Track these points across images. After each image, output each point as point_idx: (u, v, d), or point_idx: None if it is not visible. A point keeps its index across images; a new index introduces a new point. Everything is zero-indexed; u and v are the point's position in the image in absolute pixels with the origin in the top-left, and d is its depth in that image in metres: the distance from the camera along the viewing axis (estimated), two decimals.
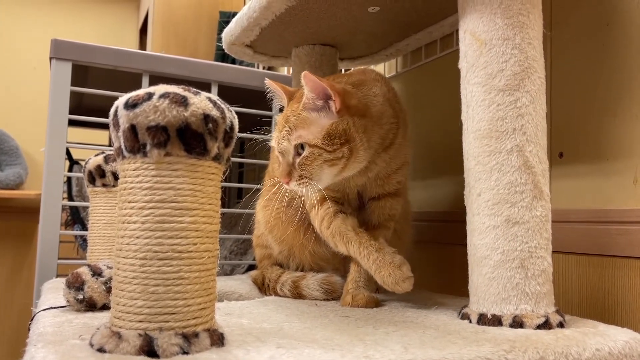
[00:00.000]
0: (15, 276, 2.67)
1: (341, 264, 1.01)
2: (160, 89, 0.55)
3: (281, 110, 0.94)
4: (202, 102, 0.55)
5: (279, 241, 1.05)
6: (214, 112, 0.55)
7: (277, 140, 0.84)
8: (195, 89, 0.56)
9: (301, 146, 0.81)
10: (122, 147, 0.55)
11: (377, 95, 0.89)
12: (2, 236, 2.64)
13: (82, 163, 1.78)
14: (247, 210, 1.29)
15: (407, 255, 1.12)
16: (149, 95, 0.53)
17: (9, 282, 2.65)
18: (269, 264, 1.11)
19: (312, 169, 0.81)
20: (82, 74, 1.40)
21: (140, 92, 0.55)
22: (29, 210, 2.63)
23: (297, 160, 0.81)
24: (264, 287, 1.05)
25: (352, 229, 0.90)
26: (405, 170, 0.97)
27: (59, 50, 1.28)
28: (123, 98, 0.55)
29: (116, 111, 0.55)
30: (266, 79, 0.93)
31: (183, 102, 0.53)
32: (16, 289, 2.66)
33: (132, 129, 0.53)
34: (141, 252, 0.53)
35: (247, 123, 1.10)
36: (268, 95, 0.96)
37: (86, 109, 1.74)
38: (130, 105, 0.53)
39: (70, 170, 1.66)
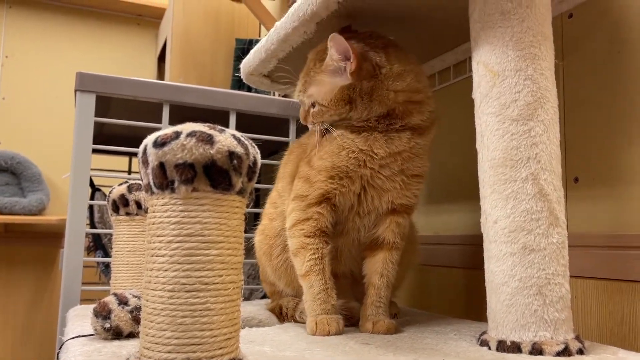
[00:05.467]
0: (37, 301, 2.71)
1: (352, 290, 1.01)
2: (187, 127, 0.57)
3: None
4: (227, 139, 0.57)
5: (288, 286, 1.07)
6: (239, 149, 0.57)
7: (297, 91, 0.98)
8: (220, 127, 0.59)
9: (313, 104, 0.94)
10: (151, 183, 0.58)
11: (409, 72, 0.91)
12: (25, 261, 2.70)
13: (104, 190, 1.83)
14: None
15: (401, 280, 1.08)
16: (177, 134, 0.56)
17: (31, 307, 2.70)
18: (280, 297, 1.12)
19: (321, 119, 0.93)
20: (104, 104, 1.44)
21: (167, 131, 0.57)
22: (51, 236, 2.68)
23: (311, 111, 0.94)
24: (282, 316, 1.06)
25: (324, 267, 0.91)
26: (422, 185, 0.95)
27: (84, 83, 1.33)
28: (152, 136, 0.58)
29: (145, 149, 0.58)
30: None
31: (209, 140, 0.56)
32: (38, 313, 2.70)
33: (161, 166, 0.56)
34: (169, 284, 0.55)
35: (263, 149, 1.12)
36: None
37: (106, 136, 1.78)
38: (159, 144, 0.56)
39: (92, 197, 1.70)
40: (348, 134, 0.91)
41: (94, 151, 1.34)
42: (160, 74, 3.11)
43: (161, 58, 3.06)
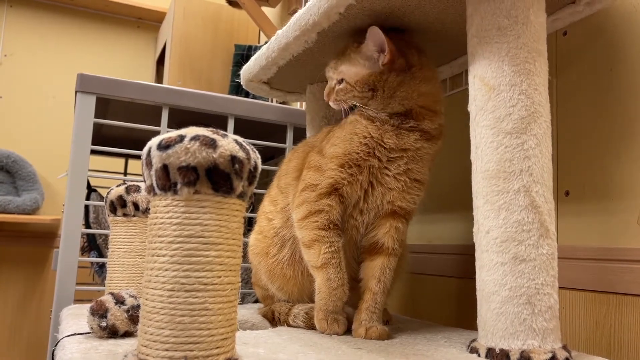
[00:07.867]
0: (28, 301, 2.70)
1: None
2: (191, 131, 0.59)
3: None
4: (229, 144, 0.59)
5: (280, 290, 1.08)
6: (240, 154, 0.59)
7: (328, 67, 1.02)
8: (223, 132, 0.61)
9: (341, 80, 0.98)
10: (154, 184, 0.59)
11: (435, 80, 0.98)
12: (17, 260, 2.69)
13: (99, 190, 1.84)
14: None
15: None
16: (181, 138, 0.58)
17: (21, 307, 2.69)
18: (272, 302, 1.12)
19: (344, 98, 0.97)
20: (103, 105, 1.45)
21: (172, 134, 0.59)
22: (45, 235, 2.68)
23: (337, 88, 0.98)
24: (274, 321, 1.07)
25: (341, 261, 0.93)
26: (422, 193, 0.97)
27: (84, 84, 1.34)
28: (156, 139, 0.59)
29: (149, 151, 0.59)
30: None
31: (212, 144, 0.57)
32: (28, 313, 2.69)
33: (165, 168, 0.57)
34: (169, 284, 0.57)
35: (260, 155, 1.13)
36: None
37: (104, 138, 1.79)
38: (163, 147, 0.58)
39: (87, 197, 1.70)
40: (362, 120, 0.95)
41: (92, 152, 1.35)
42: (159, 77, 3.13)
43: (160, 61, 3.07)
